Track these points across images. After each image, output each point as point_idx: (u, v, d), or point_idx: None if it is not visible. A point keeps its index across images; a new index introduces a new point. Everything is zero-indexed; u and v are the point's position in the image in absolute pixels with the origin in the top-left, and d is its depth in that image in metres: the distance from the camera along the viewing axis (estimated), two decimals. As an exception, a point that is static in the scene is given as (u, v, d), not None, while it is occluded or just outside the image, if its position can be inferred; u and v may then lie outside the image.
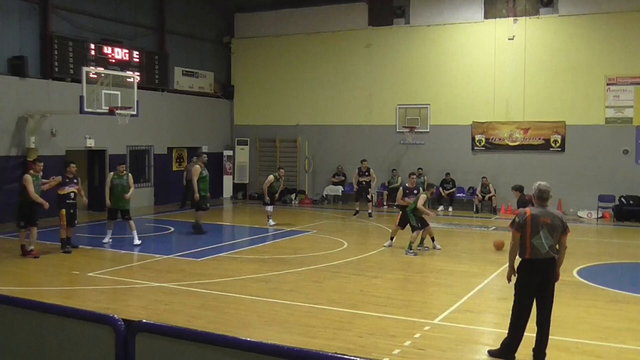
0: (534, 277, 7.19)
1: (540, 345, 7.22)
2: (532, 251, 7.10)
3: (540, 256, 7.09)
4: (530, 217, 7.12)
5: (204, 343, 4.16)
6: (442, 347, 7.87)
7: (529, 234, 7.09)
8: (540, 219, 7.10)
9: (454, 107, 23.70)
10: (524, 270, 7.25)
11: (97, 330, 4.59)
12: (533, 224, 7.09)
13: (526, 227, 7.11)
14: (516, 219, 7.23)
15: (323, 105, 25.94)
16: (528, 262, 7.18)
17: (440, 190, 23.14)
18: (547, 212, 7.22)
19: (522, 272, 7.27)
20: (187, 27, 25.72)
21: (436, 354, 7.61)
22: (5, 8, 18.82)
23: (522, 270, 7.27)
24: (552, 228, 7.12)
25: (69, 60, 20.29)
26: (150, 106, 21.90)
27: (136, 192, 22.55)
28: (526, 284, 7.24)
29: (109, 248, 14.70)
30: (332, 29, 25.71)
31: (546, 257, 7.12)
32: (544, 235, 7.07)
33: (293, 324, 8.79)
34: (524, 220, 7.14)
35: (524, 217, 7.16)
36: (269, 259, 13.70)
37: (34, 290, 10.36)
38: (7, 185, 18.33)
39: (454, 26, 23.78)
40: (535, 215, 7.12)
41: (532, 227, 7.09)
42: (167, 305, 9.77)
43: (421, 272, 12.65)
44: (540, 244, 7.07)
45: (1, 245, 14.79)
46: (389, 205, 23.75)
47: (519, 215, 7.26)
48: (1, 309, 5.34)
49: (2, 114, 18.33)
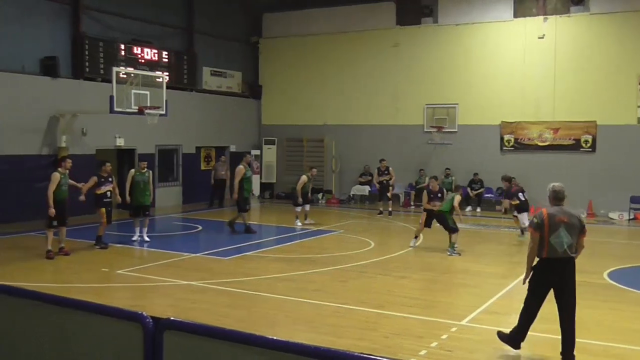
0: (550, 276, 7.19)
1: (567, 348, 7.15)
2: (550, 250, 7.10)
3: (557, 255, 7.09)
4: (548, 216, 7.14)
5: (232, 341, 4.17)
6: (469, 348, 7.81)
7: (547, 233, 7.09)
8: (557, 217, 7.13)
9: (482, 107, 23.51)
10: (541, 269, 7.25)
11: (125, 327, 4.64)
12: (551, 223, 7.10)
13: (544, 227, 7.10)
14: (534, 220, 7.24)
15: (350, 105, 25.91)
16: (545, 261, 7.18)
17: (468, 190, 22.98)
18: (564, 211, 7.24)
19: (538, 270, 7.28)
20: (216, 27, 25.86)
21: (463, 355, 7.56)
22: (38, 9, 19.11)
23: (539, 268, 7.27)
24: (570, 227, 7.14)
25: (99, 61, 20.54)
26: (179, 106, 22.07)
27: (164, 190, 22.92)
28: (542, 282, 7.25)
29: (138, 246, 14.83)
30: (360, 29, 25.67)
31: (563, 256, 7.11)
32: (563, 234, 7.08)
33: (320, 324, 8.79)
34: (542, 220, 7.14)
35: (542, 216, 7.18)
36: (295, 258, 13.72)
37: (64, 287, 10.50)
38: (39, 183, 18.58)
39: (482, 25, 23.59)
40: (552, 214, 7.15)
41: (550, 226, 7.09)
42: (195, 303, 9.84)
43: (448, 273, 12.57)
44: (558, 242, 7.07)
45: (33, 243, 15.02)
46: (416, 206, 23.64)
47: (536, 216, 7.28)
48: (32, 306, 5.42)
49: (35, 114, 18.62)
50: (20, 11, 18.59)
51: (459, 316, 9.14)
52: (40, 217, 18.02)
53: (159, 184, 22.89)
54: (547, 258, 7.14)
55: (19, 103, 18.20)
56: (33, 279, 10.95)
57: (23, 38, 18.65)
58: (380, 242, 16.05)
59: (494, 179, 23.11)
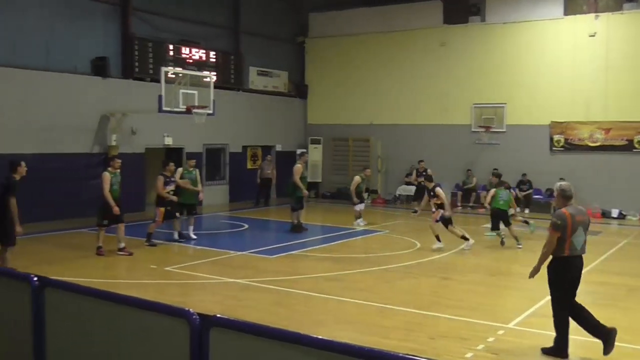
0: (574, 273, 7.38)
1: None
2: (571, 248, 7.28)
3: (576, 253, 7.33)
4: (570, 217, 7.27)
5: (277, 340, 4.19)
6: (517, 352, 7.69)
7: (569, 233, 7.25)
8: (577, 217, 7.32)
9: (531, 107, 23.11)
10: (562, 267, 7.37)
11: (172, 323, 4.70)
12: (573, 223, 7.26)
13: (567, 227, 7.24)
14: (557, 222, 7.29)
15: (396, 104, 25.78)
16: (565, 260, 7.33)
17: (516, 191, 22.64)
18: (579, 210, 7.48)
19: (559, 269, 7.38)
20: (262, 27, 26.03)
21: (510, 359, 7.45)
22: (89, 11, 19.54)
23: (560, 267, 7.37)
24: (585, 226, 7.39)
25: (148, 61, 20.90)
26: (226, 105, 22.27)
27: (212, 189, 23.16)
28: (568, 280, 7.39)
29: (185, 243, 15.00)
30: (406, 28, 25.51)
31: (580, 254, 7.38)
32: (580, 233, 7.31)
33: (364, 324, 8.77)
34: (565, 221, 7.25)
35: (564, 217, 7.27)
36: (341, 258, 13.72)
37: (113, 283, 10.70)
38: (90, 181, 19.01)
39: (531, 23, 23.19)
40: (573, 215, 7.31)
41: (572, 225, 7.26)
42: (240, 301, 9.92)
43: (496, 275, 12.40)
44: (578, 241, 7.29)
45: (84, 239, 15.36)
46: (462, 206, 23.44)
47: (559, 218, 7.32)
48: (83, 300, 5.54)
49: (86, 113, 19.06)
50: (73, 13, 19.04)
51: (507, 319, 9.01)
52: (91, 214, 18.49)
53: (207, 183, 23.14)
54: (567, 256, 7.30)
55: (71, 103, 18.65)
56: (83, 275, 11.18)
57: (75, 39, 19.09)
58: (427, 242, 15.91)
59: (543, 180, 22.70)
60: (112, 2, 20.16)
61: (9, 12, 17.45)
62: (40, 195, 17.36)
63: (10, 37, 17.46)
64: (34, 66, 17.88)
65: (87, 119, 19.14)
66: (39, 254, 13.32)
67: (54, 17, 18.52)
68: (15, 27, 17.57)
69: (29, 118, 17.63)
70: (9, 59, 17.37)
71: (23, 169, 10.38)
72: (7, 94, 17.15)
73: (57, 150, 18.28)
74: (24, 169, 10.39)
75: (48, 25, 18.38)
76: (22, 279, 5.98)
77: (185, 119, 19.34)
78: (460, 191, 23.87)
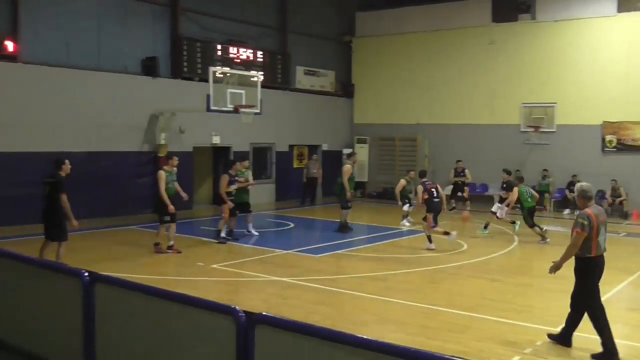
0: (599, 272, 7.58)
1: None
2: (597, 248, 7.45)
3: (601, 252, 7.52)
4: (595, 217, 7.41)
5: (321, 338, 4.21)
6: (565, 356, 7.54)
7: (595, 234, 7.38)
8: (600, 217, 7.50)
9: (582, 106, 22.61)
10: (592, 266, 7.52)
11: (218, 320, 4.76)
12: (598, 223, 7.41)
13: (593, 228, 7.36)
14: (584, 222, 7.37)
15: (444, 104, 25.55)
16: (593, 259, 7.48)
17: (566, 192, 22.20)
18: (600, 210, 7.66)
19: (589, 269, 7.53)
20: (309, 27, 26.11)
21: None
22: (140, 12, 19.90)
23: (590, 267, 7.53)
24: (605, 225, 7.58)
25: (196, 61, 21.18)
26: (273, 105, 22.40)
27: (258, 187, 23.30)
28: (595, 279, 7.58)
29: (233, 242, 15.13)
30: (454, 26, 25.25)
31: (604, 252, 7.57)
32: (603, 232, 7.49)
33: (409, 324, 8.72)
34: (591, 222, 7.37)
35: (590, 218, 7.38)
36: (386, 257, 13.67)
37: (161, 280, 10.86)
38: (140, 179, 19.41)
39: (583, 21, 22.70)
40: (597, 215, 7.48)
41: (598, 226, 7.40)
42: (285, 299, 9.97)
43: (544, 277, 12.11)
44: (602, 240, 7.47)
45: (134, 236, 15.65)
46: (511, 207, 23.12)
47: (585, 218, 7.41)
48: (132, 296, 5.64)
49: (136, 112, 19.42)
50: (123, 14, 19.43)
51: (555, 322, 8.83)
52: (140, 212, 18.86)
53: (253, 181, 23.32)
54: (595, 256, 7.46)
55: (121, 102, 19.02)
56: (132, 271, 11.38)
57: (126, 40, 19.48)
58: (474, 244, 15.73)
59: (594, 181, 21.87)
60: (162, 3, 20.49)
61: (63, 14, 17.90)
62: (92, 193, 17.79)
63: (64, 38, 17.92)
64: (86, 66, 18.32)
65: (137, 118, 19.50)
66: (90, 250, 13.63)
67: (105, 18, 18.93)
68: (69, 29, 18.02)
69: (82, 117, 18.05)
70: (63, 59, 17.83)
71: (67, 166, 10.76)
72: (60, 93, 17.60)
73: (108, 149, 18.68)
74: (68, 167, 10.77)
75: (99, 26, 18.79)
76: (74, 274, 6.13)
77: (232, 118, 19.53)
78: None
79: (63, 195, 10.42)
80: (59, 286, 6.34)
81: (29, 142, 16.82)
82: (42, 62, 17.35)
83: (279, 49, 24.75)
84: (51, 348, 6.49)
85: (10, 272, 7.09)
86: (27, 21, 17.08)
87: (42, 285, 6.64)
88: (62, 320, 6.30)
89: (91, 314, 5.86)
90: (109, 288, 5.85)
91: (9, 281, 7.11)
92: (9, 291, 7.09)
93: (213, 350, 4.84)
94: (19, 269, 6.98)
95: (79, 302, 5.95)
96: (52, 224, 10.65)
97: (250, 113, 18.50)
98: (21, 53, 16.89)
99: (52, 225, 10.66)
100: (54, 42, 17.72)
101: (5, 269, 7.12)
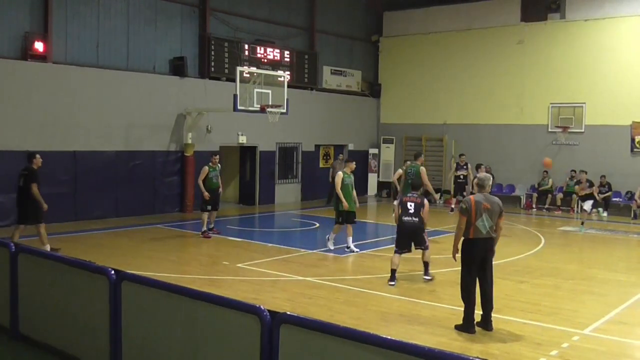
0: (478, 253, 8.38)
1: (488, 313, 8.50)
2: (475, 231, 8.29)
3: (480, 235, 8.30)
4: (475, 203, 8.31)
5: (346, 338, 4.21)
6: (592, 359, 7.45)
7: (473, 218, 8.26)
8: (483, 204, 8.31)
9: (611, 106, 22.31)
10: (469, 247, 8.41)
11: (244, 319, 4.79)
12: (476, 208, 8.28)
13: (471, 212, 8.27)
14: (463, 207, 8.39)
15: (471, 104, 25.37)
16: (471, 241, 8.35)
17: (595, 194, 21.90)
18: (490, 198, 8.45)
19: (467, 249, 8.44)
20: (337, 27, 26.11)
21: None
22: (169, 12, 20.07)
23: (467, 247, 8.43)
24: (491, 212, 8.32)
25: (224, 60, 21.29)
26: (299, 104, 22.44)
27: (284, 187, 23.44)
28: (475, 258, 8.47)
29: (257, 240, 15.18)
30: (483, 26, 25.07)
31: (486, 236, 8.34)
32: (485, 218, 8.28)
33: (434, 325, 8.69)
34: (469, 207, 8.31)
35: (469, 203, 8.37)
36: (411, 258, 13.59)
37: (188, 278, 10.94)
38: (167, 177, 19.59)
39: (614, 20, 22.38)
40: (478, 201, 8.34)
41: (476, 211, 8.27)
42: (311, 299, 9.98)
43: (572, 279, 12.04)
44: (481, 225, 8.27)
45: (161, 234, 15.79)
46: (538, 208, 22.90)
47: (465, 203, 8.46)
48: (158, 294, 5.70)
49: (164, 112, 19.59)
50: (152, 14, 19.60)
51: (582, 325, 8.75)
52: (168, 210, 19.05)
53: (279, 181, 23.44)
54: (474, 238, 8.33)
55: (150, 101, 19.21)
56: (159, 269, 11.50)
57: (154, 40, 19.66)
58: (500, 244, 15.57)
59: (623, 182, 21.94)
60: (191, 3, 20.64)
61: (93, 15, 18.12)
62: (119, 192, 18.01)
63: (94, 38, 18.14)
64: (115, 66, 18.53)
65: (165, 117, 19.66)
66: (117, 248, 13.79)
67: (134, 19, 19.12)
68: (99, 29, 18.23)
69: (111, 117, 18.26)
70: (92, 59, 18.05)
71: (39, 160, 12.19)
72: (91, 93, 17.82)
73: (136, 148, 18.86)
74: (39, 160, 12.19)
75: (129, 27, 18.99)
76: (101, 272, 6.21)
77: (259, 118, 19.61)
78: (535, 193, 23.30)
79: (34, 185, 11.84)
80: (86, 284, 6.43)
81: (58, 142, 17.04)
82: (72, 62, 17.59)
83: (306, 49, 24.78)
84: (78, 345, 6.58)
85: (38, 271, 7.20)
86: (58, 22, 17.32)
87: (69, 283, 6.74)
88: (89, 318, 6.39)
89: (118, 311, 5.93)
90: (136, 286, 5.92)
91: (37, 279, 7.22)
92: (37, 289, 7.20)
93: (238, 348, 4.88)
94: (47, 267, 7.08)
95: (105, 299, 6.03)
96: (26, 209, 12.03)
97: (276, 113, 18.57)
98: (51, 53, 17.14)
99: (26, 211, 12.05)
100: (84, 42, 17.95)
101: (33, 267, 7.23)
